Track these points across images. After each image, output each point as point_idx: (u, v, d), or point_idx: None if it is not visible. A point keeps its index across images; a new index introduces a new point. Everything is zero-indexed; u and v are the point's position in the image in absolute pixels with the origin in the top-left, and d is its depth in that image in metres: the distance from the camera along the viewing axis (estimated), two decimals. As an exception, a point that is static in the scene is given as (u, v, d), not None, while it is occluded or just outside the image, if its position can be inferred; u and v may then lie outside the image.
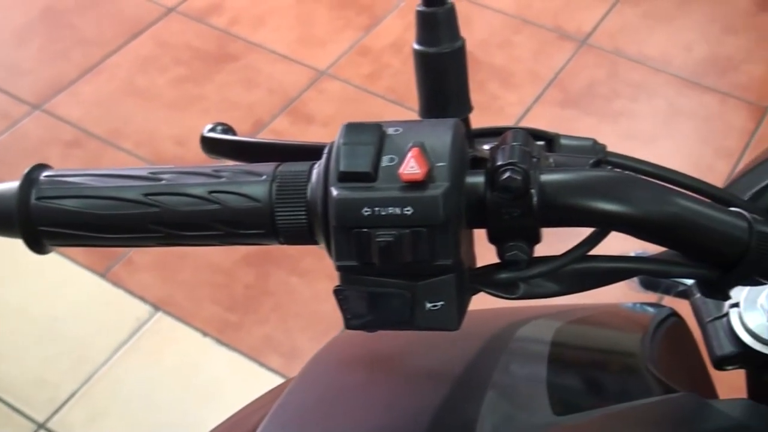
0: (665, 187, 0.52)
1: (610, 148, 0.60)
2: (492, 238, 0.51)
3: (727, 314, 0.63)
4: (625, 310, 0.75)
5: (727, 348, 0.62)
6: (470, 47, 2.50)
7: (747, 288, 0.62)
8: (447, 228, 0.48)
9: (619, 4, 2.74)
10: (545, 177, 0.50)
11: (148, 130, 2.46)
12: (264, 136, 2.35)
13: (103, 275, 2.14)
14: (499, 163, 0.49)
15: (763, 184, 0.64)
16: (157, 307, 2.08)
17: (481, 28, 2.71)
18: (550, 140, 0.60)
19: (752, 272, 0.52)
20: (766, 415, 0.57)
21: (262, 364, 1.96)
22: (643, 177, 0.53)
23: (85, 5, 2.83)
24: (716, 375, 0.71)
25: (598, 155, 0.59)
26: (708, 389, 0.72)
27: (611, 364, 0.66)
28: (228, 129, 0.69)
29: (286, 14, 2.80)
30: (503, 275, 0.52)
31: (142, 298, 2.09)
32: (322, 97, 2.54)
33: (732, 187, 0.67)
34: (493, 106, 2.49)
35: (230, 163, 0.62)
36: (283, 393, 0.60)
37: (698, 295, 0.64)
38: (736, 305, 0.62)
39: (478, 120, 2.29)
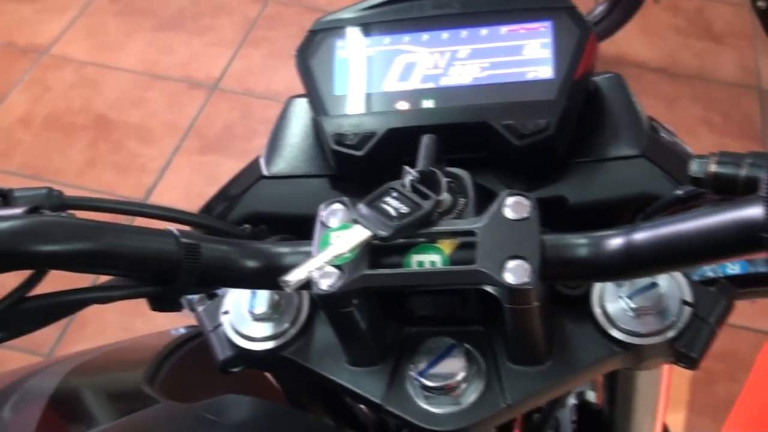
0: (89, 222, 0.55)
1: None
2: None
3: (221, 323, 0.68)
4: (163, 336, 0.78)
5: (225, 352, 0.67)
6: (103, 109, 2.49)
7: (234, 295, 0.68)
8: None
9: (242, 49, 2.85)
10: None
11: None
12: None
13: None
14: None
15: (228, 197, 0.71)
16: None
17: (112, 90, 2.70)
18: (5, 195, 0.62)
19: (190, 281, 0.58)
20: (247, 407, 0.63)
21: None
22: (67, 217, 0.56)
23: None
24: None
25: (53, 202, 0.62)
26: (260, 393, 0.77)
27: (113, 395, 0.68)
28: None
29: None
30: None
31: None
32: (-49, 185, 2.42)
33: (211, 205, 0.73)
34: (134, 164, 2.49)
35: None
36: None
37: (201, 308, 0.69)
38: (227, 312, 0.67)
39: (121, 181, 2.27)
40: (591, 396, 0.90)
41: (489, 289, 0.55)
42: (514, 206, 0.56)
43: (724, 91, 2.75)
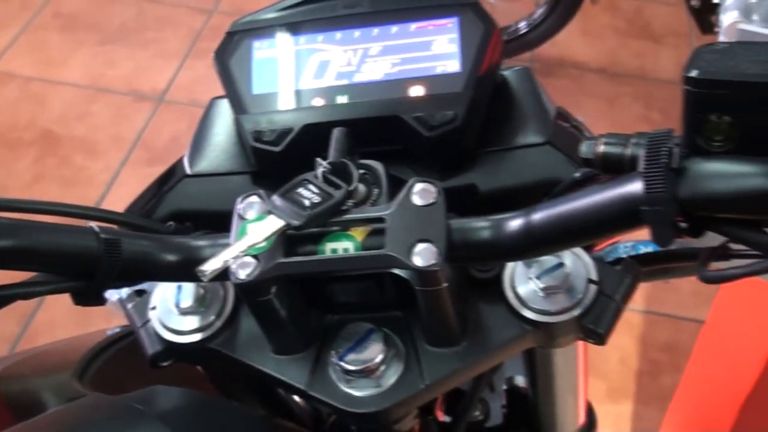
0: (8, 220, 0.56)
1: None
2: None
3: (150, 318, 0.69)
4: (98, 335, 0.80)
5: (154, 347, 0.68)
6: (48, 124, 2.48)
7: (161, 290, 0.69)
8: None
9: (188, 60, 2.86)
10: None
11: None
12: None
13: None
14: None
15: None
16: None
17: (57, 104, 2.70)
18: None
19: (112, 275, 0.59)
20: (175, 396, 0.64)
21: None
22: None
23: None
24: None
25: None
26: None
27: (43, 391, 0.69)
28: None
29: None
30: None
31: None
32: None
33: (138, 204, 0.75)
34: (81, 177, 2.49)
35: None
36: None
37: (130, 306, 0.71)
38: (154, 308, 0.69)
39: (69, 195, 2.25)
40: (520, 381, 0.93)
41: (399, 272, 0.57)
42: (421, 193, 0.58)
43: (663, 89, 2.82)
